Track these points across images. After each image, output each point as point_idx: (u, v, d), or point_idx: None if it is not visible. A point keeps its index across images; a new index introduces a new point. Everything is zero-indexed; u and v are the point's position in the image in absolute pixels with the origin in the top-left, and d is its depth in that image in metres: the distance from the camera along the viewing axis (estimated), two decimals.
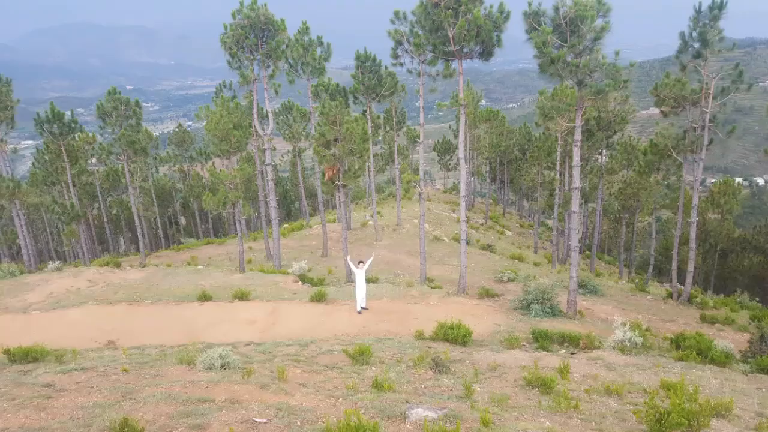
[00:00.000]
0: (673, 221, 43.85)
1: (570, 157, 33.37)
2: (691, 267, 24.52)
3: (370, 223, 38.87)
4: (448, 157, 68.88)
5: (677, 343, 14.60)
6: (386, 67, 33.27)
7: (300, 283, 22.43)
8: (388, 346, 13.26)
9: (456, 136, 61.63)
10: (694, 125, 23.33)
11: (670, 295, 25.70)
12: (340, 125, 22.38)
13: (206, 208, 26.84)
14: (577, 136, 18.44)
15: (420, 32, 19.73)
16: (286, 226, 43.74)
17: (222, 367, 9.81)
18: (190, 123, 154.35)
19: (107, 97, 30.55)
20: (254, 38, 25.02)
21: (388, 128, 50.53)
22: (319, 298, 18.61)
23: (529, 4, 16.96)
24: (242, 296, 19.07)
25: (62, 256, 50.96)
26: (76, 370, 9.88)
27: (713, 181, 63.33)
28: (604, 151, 36.44)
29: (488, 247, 35.34)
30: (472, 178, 60.04)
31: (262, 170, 33.45)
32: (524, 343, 14.23)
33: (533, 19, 16.92)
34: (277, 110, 45.77)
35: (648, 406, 7.70)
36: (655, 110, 26.02)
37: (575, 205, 19.19)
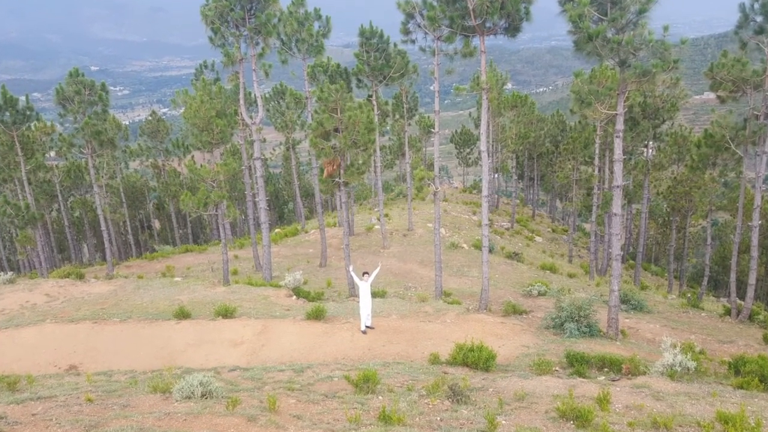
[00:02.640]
0: (731, 225, 43.71)
1: (610, 150, 33.29)
2: (752, 279, 24.39)
3: (377, 227, 38.93)
4: (468, 150, 68.86)
5: (736, 367, 14.53)
6: (395, 45, 33.32)
7: (294, 297, 22.48)
8: (398, 371, 13.27)
9: (477, 126, 61.65)
10: (756, 112, 23.21)
11: (728, 312, 25.57)
12: (342, 113, 22.43)
13: (184, 210, 26.98)
14: (619, 125, 18.41)
15: (435, 4, 19.74)
16: (278, 230, 43.89)
17: (203, 396, 9.85)
18: (165, 110, 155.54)
19: (68, 79, 30.73)
20: (240, 10, 25.10)
21: (397, 116, 50.44)
22: (317, 316, 18.62)
23: None
24: (226, 313, 19.12)
25: (15, 266, 51.27)
26: (31, 399, 9.95)
27: None
28: (650, 143, 36.34)
29: (515, 256, 35.33)
30: (496, 175, 60.01)
31: (249, 165, 33.62)
32: (557, 368, 14.21)
33: None
34: (267, 95, 45.94)
35: None
36: (711, 95, 25.94)
37: (617, 206, 19.14)
